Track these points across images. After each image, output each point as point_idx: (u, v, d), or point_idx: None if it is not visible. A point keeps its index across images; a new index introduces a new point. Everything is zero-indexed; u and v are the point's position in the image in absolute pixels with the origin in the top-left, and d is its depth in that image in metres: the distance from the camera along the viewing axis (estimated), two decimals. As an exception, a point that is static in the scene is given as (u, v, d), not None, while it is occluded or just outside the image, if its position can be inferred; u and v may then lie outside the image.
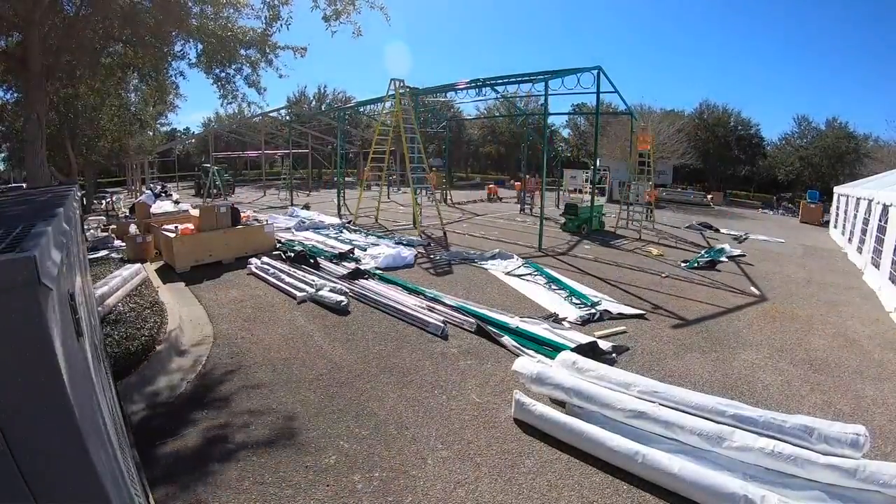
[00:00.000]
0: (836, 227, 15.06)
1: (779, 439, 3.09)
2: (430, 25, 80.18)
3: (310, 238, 11.02)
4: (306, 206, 17.86)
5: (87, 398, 1.28)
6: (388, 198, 20.75)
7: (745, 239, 13.24)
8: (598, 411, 3.56)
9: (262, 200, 21.74)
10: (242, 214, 9.64)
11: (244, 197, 22.64)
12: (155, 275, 7.81)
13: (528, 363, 4.14)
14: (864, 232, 10.03)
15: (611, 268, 8.99)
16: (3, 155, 19.16)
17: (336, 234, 11.68)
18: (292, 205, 18.49)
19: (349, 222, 13.42)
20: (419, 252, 9.64)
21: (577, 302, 6.62)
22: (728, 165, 33.18)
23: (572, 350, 4.57)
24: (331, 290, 6.62)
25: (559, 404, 3.84)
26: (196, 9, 7.10)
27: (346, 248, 9.56)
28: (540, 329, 5.44)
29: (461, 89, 13.65)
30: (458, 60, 78.69)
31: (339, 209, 16.90)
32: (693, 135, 31.15)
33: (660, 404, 3.47)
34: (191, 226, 8.66)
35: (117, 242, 10.17)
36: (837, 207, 15.25)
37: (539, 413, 3.56)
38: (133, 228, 10.17)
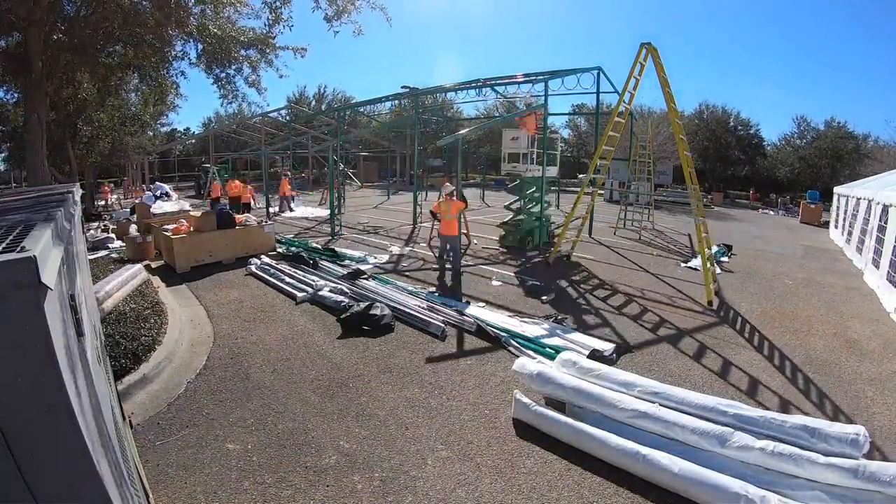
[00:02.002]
0: (835, 227, 15.05)
1: (779, 440, 3.09)
2: (430, 24, 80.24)
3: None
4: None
5: (87, 398, 1.27)
6: (388, 199, 20.74)
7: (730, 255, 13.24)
8: (599, 411, 3.56)
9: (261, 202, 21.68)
10: (237, 217, 9.57)
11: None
12: (155, 275, 7.81)
13: (528, 363, 4.14)
14: (863, 232, 10.02)
15: (610, 267, 8.99)
16: (3, 155, 19.16)
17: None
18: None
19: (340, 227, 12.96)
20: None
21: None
22: (728, 165, 33.19)
23: (588, 357, 4.55)
24: (330, 291, 6.62)
25: (559, 404, 3.84)
26: (196, 9, 7.11)
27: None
28: (540, 330, 5.44)
29: (461, 90, 13.65)
30: (458, 60, 78.76)
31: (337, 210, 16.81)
32: (693, 135, 31.17)
33: (660, 405, 3.47)
34: (189, 226, 8.66)
35: (117, 242, 10.18)
36: (837, 208, 15.24)
37: (539, 413, 3.56)
38: (133, 228, 10.17)
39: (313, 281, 7.03)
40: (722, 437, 3.10)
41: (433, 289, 7.12)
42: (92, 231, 11.40)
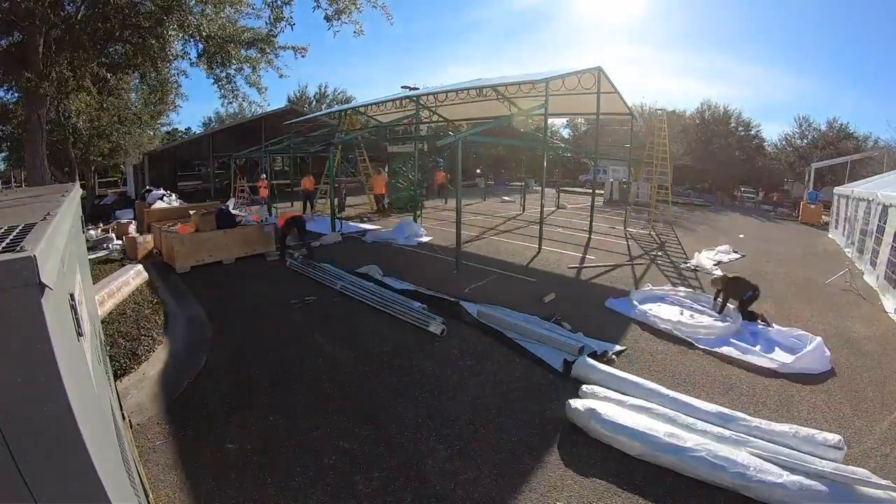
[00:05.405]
0: (836, 227, 15.03)
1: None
2: (431, 23, 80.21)
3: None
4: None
5: (87, 398, 1.27)
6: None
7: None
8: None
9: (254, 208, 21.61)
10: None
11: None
12: (155, 275, 7.81)
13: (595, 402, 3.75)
14: (863, 233, 10.02)
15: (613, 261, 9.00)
16: (3, 155, 19.12)
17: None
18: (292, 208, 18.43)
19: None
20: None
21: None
22: (728, 166, 33.15)
23: (587, 357, 4.54)
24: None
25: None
26: (197, 9, 7.11)
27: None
28: (541, 329, 5.44)
29: (462, 90, 13.63)
30: (459, 59, 78.78)
31: (333, 215, 16.68)
32: (693, 135, 31.19)
33: (658, 403, 3.48)
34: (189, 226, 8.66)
35: (117, 242, 10.18)
36: (837, 208, 15.23)
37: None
38: (133, 228, 10.18)
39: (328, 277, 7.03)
40: (722, 434, 3.11)
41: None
42: (92, 231, 11.39)
